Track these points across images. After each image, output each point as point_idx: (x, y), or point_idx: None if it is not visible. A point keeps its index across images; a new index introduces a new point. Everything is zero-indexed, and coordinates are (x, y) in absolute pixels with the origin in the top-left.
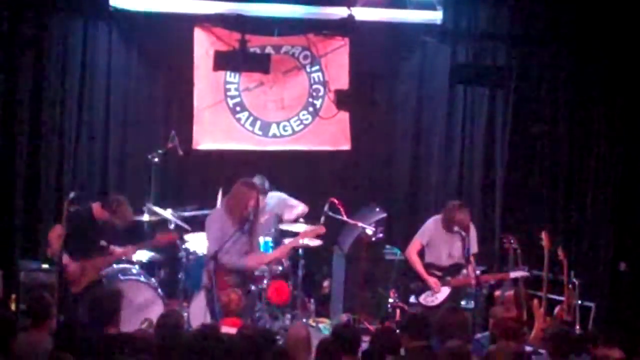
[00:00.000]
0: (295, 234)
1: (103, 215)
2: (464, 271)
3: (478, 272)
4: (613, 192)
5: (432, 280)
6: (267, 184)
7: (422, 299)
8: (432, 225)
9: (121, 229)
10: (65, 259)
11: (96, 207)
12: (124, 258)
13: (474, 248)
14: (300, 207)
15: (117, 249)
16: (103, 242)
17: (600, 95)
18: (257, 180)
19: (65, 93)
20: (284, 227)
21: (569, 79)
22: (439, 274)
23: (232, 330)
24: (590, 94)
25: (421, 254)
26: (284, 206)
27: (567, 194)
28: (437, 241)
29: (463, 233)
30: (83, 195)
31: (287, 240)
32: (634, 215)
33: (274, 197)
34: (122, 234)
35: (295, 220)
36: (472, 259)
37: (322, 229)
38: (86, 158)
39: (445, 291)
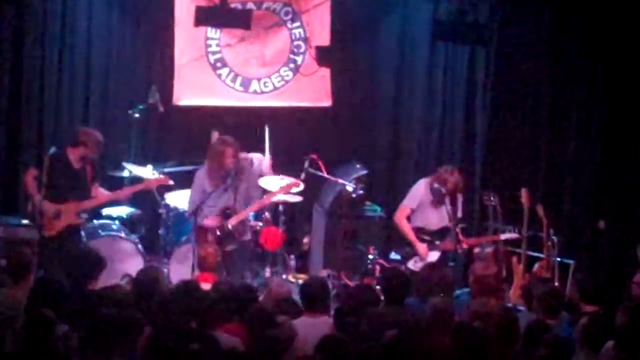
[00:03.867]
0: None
1: (78, 156)
2: (453, 235)
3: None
4: (593, 150)
5: (421, 247)
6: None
7: (410, 264)
8: (422, 188)
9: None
10: (38, 198)
11: (70, 150)
12: (105, 214)
13: (460, 212)
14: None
15: (104, 193)
16: (80, 187)
17: (582, 52)
18: None
19: (45, 47)
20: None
21: (551, 35)
22: (428, 238)
23: (207, 286)
24: (572, 51)
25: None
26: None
27: (548, 153)
28: (426, 205)
29: (457, 197)
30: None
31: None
32: (613, 173)
33: (258, 159)
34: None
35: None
36: (458, 223)
37: (298, 183)
38: (67, 114)
39: (434, 256)
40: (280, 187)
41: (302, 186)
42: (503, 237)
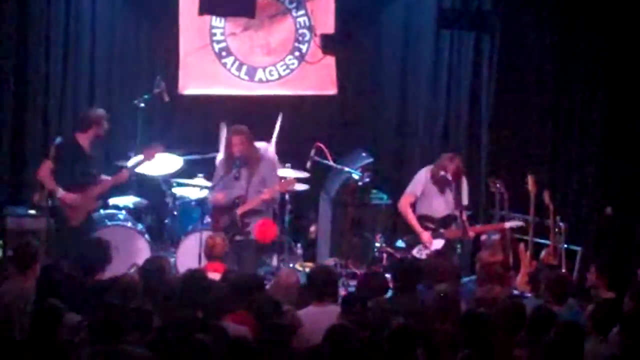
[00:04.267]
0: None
1: (90, 139)
2: (457, 223)
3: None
4: (599, 137)
5: (424, 235)
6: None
7: (415, 252)
8: (424, 176)
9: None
10: (60, 192)
11: (80, 135)
12: (111, 204)
13: (465, 200)
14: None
15: (108, 178)
16: (93, 171)
17: (586, 40)
18: None
19: (50, 38)
20: None
21: (555, 23)
22: (432, 226)
23: (215, 275)
24: (575, 39)
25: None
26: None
27: (554, 139)
28: (430, 192)
29: (462, 183)
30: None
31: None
32: (619, 160)
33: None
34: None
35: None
36: (463, 210)
37: (293, 181)
38: (72, 105)
39: (438, 244)
40: (280, 184)
41: (299, 175)
42: (508, 225)
